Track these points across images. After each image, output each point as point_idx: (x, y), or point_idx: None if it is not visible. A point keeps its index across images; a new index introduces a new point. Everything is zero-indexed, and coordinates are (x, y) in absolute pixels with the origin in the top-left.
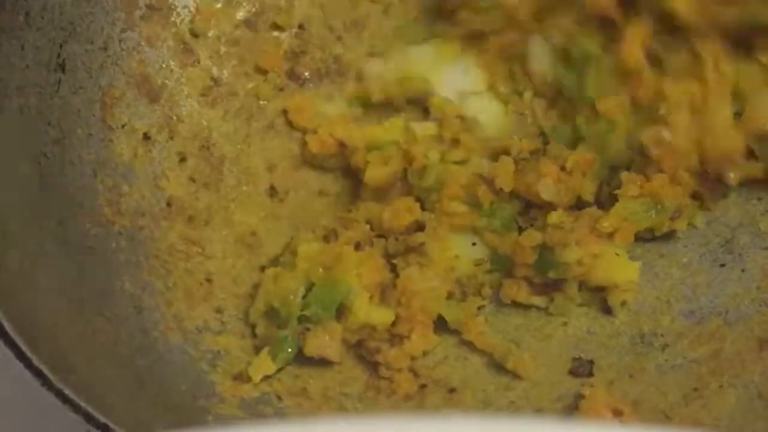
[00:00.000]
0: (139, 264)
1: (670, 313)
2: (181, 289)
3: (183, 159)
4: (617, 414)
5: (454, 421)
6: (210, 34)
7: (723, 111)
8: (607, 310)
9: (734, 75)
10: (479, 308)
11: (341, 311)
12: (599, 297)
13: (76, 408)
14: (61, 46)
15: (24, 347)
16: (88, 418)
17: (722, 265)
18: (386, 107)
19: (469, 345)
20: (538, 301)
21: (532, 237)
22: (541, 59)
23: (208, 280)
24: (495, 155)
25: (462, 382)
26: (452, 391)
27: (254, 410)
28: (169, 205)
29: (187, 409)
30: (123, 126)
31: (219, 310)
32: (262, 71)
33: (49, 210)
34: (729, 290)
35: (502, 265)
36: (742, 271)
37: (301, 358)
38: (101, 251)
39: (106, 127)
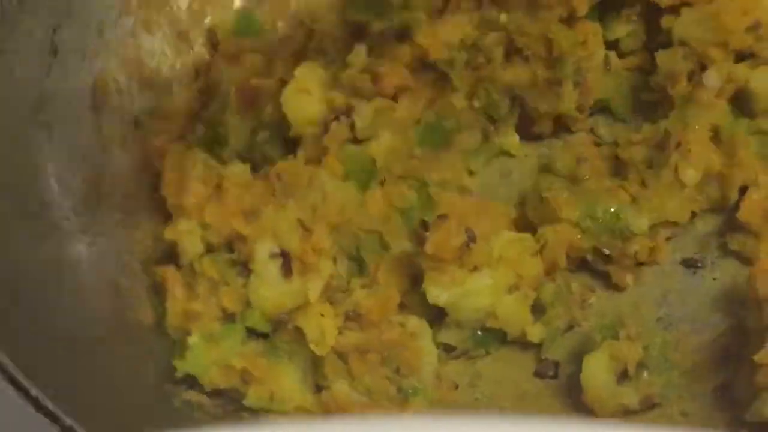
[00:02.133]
0: (122, 248)
1: (638, 317)
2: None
3: None
4: None
5: (448, 421)
6: (206, 21)
7: None
8: None
9: None
10: None
11: None
12: None
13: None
14: (54, 31)
15: None
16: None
17: (694, 273)
18: None
19: None
20: None
21: None
22: None
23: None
24: None
25: None
26: None
27: (221, 396)
28: (157, 191)
29: (152, 393)
30: (114, 111)
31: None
32: None
33: (33, 192)
34: (699, 298)
35: None
36: (714, 279)
37: None
38: (82, 235)
39: (96, 111)
